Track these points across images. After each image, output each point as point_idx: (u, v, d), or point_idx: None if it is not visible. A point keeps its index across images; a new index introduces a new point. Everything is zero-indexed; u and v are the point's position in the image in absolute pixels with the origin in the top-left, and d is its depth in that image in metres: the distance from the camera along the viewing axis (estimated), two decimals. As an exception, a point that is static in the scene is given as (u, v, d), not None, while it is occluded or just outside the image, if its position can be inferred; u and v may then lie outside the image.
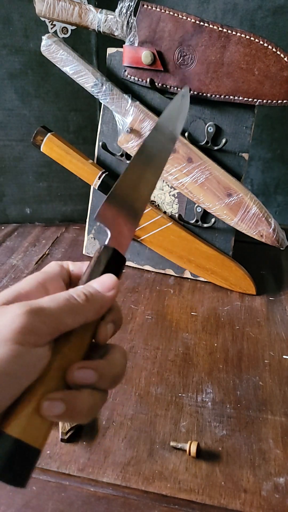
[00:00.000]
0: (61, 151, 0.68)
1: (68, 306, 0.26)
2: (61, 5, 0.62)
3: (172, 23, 0.59)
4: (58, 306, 0.26)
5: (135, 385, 0.51)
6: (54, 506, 0.38)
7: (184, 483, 0.40)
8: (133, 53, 0.61)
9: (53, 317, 0.25)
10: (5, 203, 0.87)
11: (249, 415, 0.47)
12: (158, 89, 0.63)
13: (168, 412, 0.47)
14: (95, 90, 0.64)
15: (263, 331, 0.60)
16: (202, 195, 0.64)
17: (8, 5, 0.71)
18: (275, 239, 0.62)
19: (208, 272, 0.69)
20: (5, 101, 0.77)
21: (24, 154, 0.82)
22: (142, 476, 0.40)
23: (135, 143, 0.64)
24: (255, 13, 0.85)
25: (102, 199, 0.72)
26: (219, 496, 0.39)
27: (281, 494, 0.39)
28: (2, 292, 0.28)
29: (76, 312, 0.27)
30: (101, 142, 0.69)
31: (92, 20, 0.62)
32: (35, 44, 0.74)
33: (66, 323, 0.26)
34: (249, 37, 0.57)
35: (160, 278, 0.72)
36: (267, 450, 0.43)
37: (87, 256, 0.77)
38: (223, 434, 0.45)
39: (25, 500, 0.38)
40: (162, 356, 0.55)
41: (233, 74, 0.59)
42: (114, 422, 0.46)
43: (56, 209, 0.89)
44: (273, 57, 0.57)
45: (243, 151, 0.65)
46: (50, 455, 0.42)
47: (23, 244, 0.82)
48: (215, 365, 0.54)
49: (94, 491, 0.39)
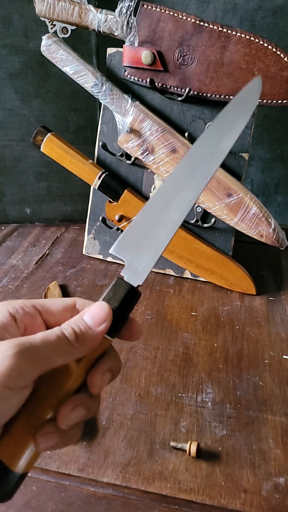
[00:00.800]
0: (61, 151, 0.68)
1: (60, 347, 0.26)
2: (61, 5, 0.62)
3: (172, 23, 0.59)
4: (49, 347, 0.25)
5: (135, 385, 0.51)
6: (54, 506, 0.38)
7: (184, 483, 0.40)
8: (133, 53, 0.61)
9: (43, 358, 0.25)
10: (5, 203, 0.87)
11: (249, 415, 0.47)
12: (158, 89, 0.63)
13: (168, 412, 0.47)
14: (95, 90, 0.64)
15: (263, 331, 0.60)
16: (202, 195, 0.64)
17: (8, 5, 0.71)
18: (275, 239, 0.62)
19: (208, 272, 0.69)
20: (5, 101, 0.77)
21: (24, 154, 0.82)
22: (142, 476, 0.40)
23: (135, 143, 0.64)
24: (255, 13, 0.85)
25: (102, 199, 0.72)
26: (219, 496, 0.39)
27: (281, 494, 0.39)
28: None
29: (67, 352, 0.26)
30: (101, 142, 0.69)
31: (92, 20, 0.62)
32: (35, 44, 0.74)
33: (55, 363, 0.26)
34: (249, 37, 0.57)
35: (160, 278, 0.72)
36: (267, 450, 0.43)
37: (87, 256, 0.77)
38: (223, 434, 0.45)
39: (25, 500, 0.38)
40: (162, 356, 0.55)
41: (233, 74, 0.59)
42: (114, 422, 0.46)
43: (56, 209, 0.89)
44: (273, 57, 0.57)
45: (243, 151, 0.65)
46: (50, 455, 0.42)
47: (23, 244, 0.82)
48: (215, 365, 0.54)
49: (94, 491, 0.39)
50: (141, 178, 0.70)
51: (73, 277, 0.72)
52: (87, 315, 0.28)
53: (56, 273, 0.73)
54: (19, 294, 0.67)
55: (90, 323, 0.28)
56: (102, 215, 0.73)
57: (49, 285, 0.67)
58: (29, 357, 0.24)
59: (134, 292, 0.30)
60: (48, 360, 0.25)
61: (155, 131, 0.63)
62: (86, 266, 0.75)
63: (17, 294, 0.67)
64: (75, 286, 0.69)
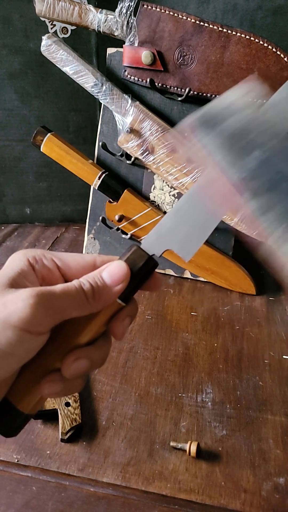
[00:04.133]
0: (61, 151, 0.68)
1: (77, 300, 0.26)
2: (61, 5, 0.62)
3: (172, 23, 0.59)
4: (68, 299, 0.26)
5: (135, 385, 0.51)
6: (54, 506, 0.38)
7: (184, 483, 0.40)
8: (133, 53, 0.61)
9: (61, 309, 0.26)
10: (5, 203, 0.86)
11: (249, 415, 0.47)
12: (158, 89, 0.63)
13: (168, 412, 0.47)
14: (95, 90, 0.64)
15: (263, 331, 0.60)
16: (202, 195, 0.64)
17: (8, 5, 0.71)
18: (275, 239, 0.62)
19: (208, 272, 0.69)
20: (5, 101, 0.77)
21: (24, 154, 0.82)
22: (142, 476, 0.40)
23: (135, 143, 0.64)
24: (255, 13, 0.85)
25: (102, 199, 0.72)
26: (219, 496, 0.39)
27: (281, 494, 0.39)
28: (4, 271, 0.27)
29: (83, 307, 0.27)
30: (101, 142, 0.69)
31: (92, 20, 0.62)
32: (35, 44, 0.74)
33: (71, 315, 0.27)
34: (249, 37, 0.57)
35: (160, 278, 0.72)
36: (267, 450, 0.43)
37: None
38: (223, 434, 0.45)
39: (25, 500, 0.38)
40: (162, 356, 0.55)
41: (233, 74, 0.59)
42: (114, 422, 0.46)
43: (56, 209, 0.89)
44: (273, 57, 0.57)
45: (243, 151, 0.65)
46: (50, 455, 0.42)
47: (23, 244, 0.82)
48: (215, 365, 0.54)
49: (94, 491, 0.39)
50: (141, 178, 0.70)
51: (73, 277, 0.72)
52: (106, 272, 0.28)
53: (56, 273, 0.73)
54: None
55: (108, 281, 0.28)
56: (102, 215, 0.73)
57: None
58: (48, 307, 0.25)
59: (152, 261, 0.30)
60: (64, 312, 0.26)
61: (155, 131, 0.63)
62: (86, 266, 0.75)
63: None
64: (75, 286, 0.69)
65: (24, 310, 0.24)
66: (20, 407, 0.28)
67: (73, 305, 0.26)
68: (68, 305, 0.26)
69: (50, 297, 0.25)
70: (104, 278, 0.28)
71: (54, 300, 0.25)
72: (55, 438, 0.44)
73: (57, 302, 0.25)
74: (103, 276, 0.28)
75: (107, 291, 0.28)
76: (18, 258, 0.28)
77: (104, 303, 0.28)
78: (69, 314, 0.26)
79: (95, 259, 0.30)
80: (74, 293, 0.26)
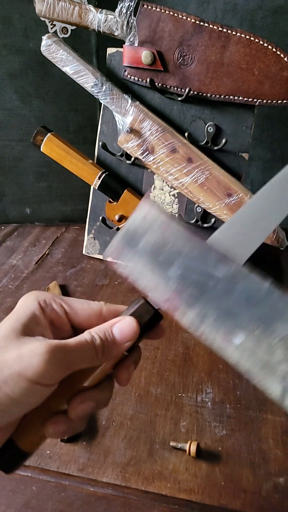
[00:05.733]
0: (61, 151, 0.68)
1: (88, 355, 0.27)
2: (61, 5, 0.62)
3: (172, 23, 0.59)
4: (80, 354, 0.27)
5: (135, 385, 0.51)
6: (54, 506, 0.38)
7: (184, 483, 0.40)
8: (133, 53, 0.61)
9: (73, 364, 0.27)
10: (5, 203, 0.87)
11: (249, 415, 0.47)
12: (158, 89, 0.63)
13: (168, 412, 0.47)
14: (95, 90, 0.64)
15: (263, 331, 0.60)
16: (202, 195, 0.64)
17: (8, 5, 0.71)
18: (275, 239, 0.62)
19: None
20: (5, 101, 0.77)
21: (24, 154, 0.82)
22: (142, 476, 0.40)
23: (135, 143, 0.64)
24: (255, 13, 0.85)
25: (102, 199, 0.72)
26: (219, 496, 0.39)
27: (281, 494, 0.39)
28: (13, 318, 0.28)
29: (92, 361, 0.28)
30: (101, 142, 0.69)
31: (92, 20, 0.62)
32: (35, 44, 0.74)
33: (80, 367, 0.28)
34: (249, 37, 0.57)
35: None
36: (267, 450, 0.43)
37: (87, 256, 0.77)
38: (223, 434, 0.45)
39: (25, 500, 0.38)
40: (162, 356, 0.55)
41: (233, 74, 0.59)
42: (114, 422, 0.46)
43: (56, 209, 0.89)
44: (273, 57, 0.57)
45: (243, 151, 0.65)
46: (50, 455, 0.42)
47: (23, 244, 0.82)
48: (215, 365, 0.54)
49: (94, 491, 0.39)
50: (141, 178, 0.70)
51: (73, 277, 0.72)
52: (116, 329, 0.29)
53: (56, 273, 0.73)
54: (19, 294, 0.67)
55: (118, 337, 0.29)
56: (102, 215, 0.73)
57: (49, 285, 0.67)
58: (61, 362, 0.26)
59: (158, 315, 0.30)
60: (75, 365, 0.27)
61: (155, 131, 0.63)
62: (86, 266, 0.75)
63: (17, 294, 0.67)
64: (75, 286, 0.69)
65: (39, 365, 0.25)
66: (22, 446, 0.29)
67: (84, 359, 0.27)
68: (79, 360, 0.27)
69: (64, 352, 0.26)
70: (114, 334, 0.29)
71: (67, 355, 0.26)
72: (55, 438, 0.44)
73: (70, 357, 0.27)
74: (113, 332, 0.29)
75: (116, 347, 0.29)
76: (30, 301, 0.29)
77: (112, 357, 0.29)
78: (79, 366, 0.28)
79: (102, 308, 0.31)
80: (86, 348, 0.27)
